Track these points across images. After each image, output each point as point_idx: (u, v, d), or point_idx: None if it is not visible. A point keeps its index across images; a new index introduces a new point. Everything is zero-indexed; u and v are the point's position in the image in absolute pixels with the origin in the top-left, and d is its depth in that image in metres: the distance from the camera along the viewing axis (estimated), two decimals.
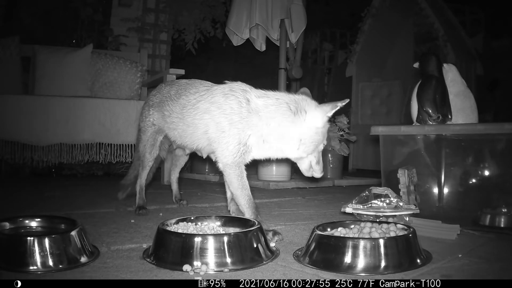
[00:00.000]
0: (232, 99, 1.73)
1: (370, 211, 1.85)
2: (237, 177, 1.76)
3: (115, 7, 4.99)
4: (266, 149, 1.76)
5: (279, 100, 1.70)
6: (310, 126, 1.67)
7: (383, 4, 5.84)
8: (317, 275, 1.24)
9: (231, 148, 1.73)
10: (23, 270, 1.22)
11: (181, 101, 1.97)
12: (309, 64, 7.39)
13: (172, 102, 2.02)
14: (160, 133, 2.22)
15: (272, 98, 1.72)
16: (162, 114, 2.11)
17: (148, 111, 2.22)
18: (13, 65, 3.78)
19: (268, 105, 1.70)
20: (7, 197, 2.82)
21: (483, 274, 1.29)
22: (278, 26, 3.90)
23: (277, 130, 1.69)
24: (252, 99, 1.72)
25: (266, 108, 1.70)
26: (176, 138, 2.05)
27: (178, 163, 2.54)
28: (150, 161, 2.27)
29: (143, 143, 2.25)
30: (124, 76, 4.06)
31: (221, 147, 1.75)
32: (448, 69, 2.35)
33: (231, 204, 1.98)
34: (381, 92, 5.92)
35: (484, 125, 2.04)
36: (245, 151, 1.74)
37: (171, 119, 2.02)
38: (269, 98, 1.72)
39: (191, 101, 1.90)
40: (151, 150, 2.24)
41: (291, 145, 1.70)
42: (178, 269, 1.26)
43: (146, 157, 2.26)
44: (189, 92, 1.95)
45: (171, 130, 2.06)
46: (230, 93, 1.75)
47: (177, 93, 2.03)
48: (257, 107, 1.71)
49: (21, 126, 3.32)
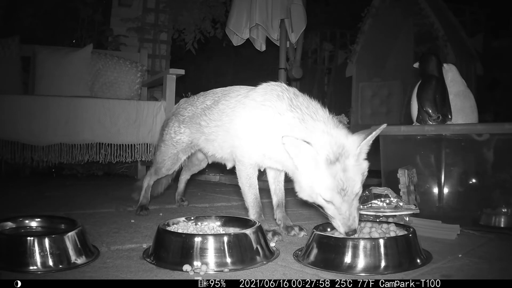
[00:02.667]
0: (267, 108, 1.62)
1: (370, 211, 1.85)
2: (246, 175, 1.75)
3: (115, 7, 4.98)
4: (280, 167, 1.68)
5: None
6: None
7: (383, 4, 5.85)
8: (317, 275, 1.24)
9: (247, 150, 1.71)
10: (23, 270, 1.22)
11: (220, 106, 1.86)
12: (309, 64, 7.39)
13: (210, 110, 1.91)
14: (186, 152, 2.14)
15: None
16: (198, 125, 1.98)
17: (178, 128, 2.10)
18: (13, 65, 3.77)
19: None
20: (7, 197, 2.82)
21: (483, 274, 1.29)
22: (278, 26, 3.90)
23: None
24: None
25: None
26: (217, 150, 1.92)
27: (192, 169, 2.52)
28: (164, 175, 2.25)
29: (163, 157, 2.16)
30: (124, 76, 4.06)
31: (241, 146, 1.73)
32: (448, 69, 2.35)
33: (277, 211, 1.88)
34: (381, 92, 5.93)
35: (484, 125, 2.04)
36: (261, 160, 1.71)
37: (209, 129, 1.90)
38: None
39: (231, 104, 1.81)
40: (169, 167, 2.18)
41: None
42: (178, 269, 1.26)
43: (162, 171, 2.21)
44: (229, 96, 1.86)
45: (209, 142, 1.93)
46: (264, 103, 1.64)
47: (215, 101, 1.93)
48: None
49: (21, 126, 3.32)
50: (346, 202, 1.37)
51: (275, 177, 1.90)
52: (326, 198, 1.39)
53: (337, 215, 1.39)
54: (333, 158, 1.36)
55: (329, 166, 1.36)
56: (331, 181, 1.36)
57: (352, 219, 1.38)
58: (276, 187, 1.91)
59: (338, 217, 1.39)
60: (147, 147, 3.63)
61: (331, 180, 1.36)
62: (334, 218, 1.40)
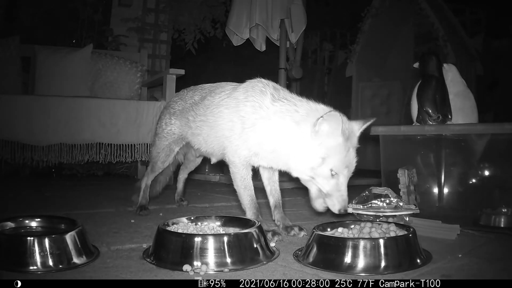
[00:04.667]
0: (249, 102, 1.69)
1: (370, 211, 1.85)
2: (240, 177, 1.76)
3: (115, 7, 4.98)
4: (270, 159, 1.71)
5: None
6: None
7: (383, 4, 5.85)
8: (317, 275, 1.24)
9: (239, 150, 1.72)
10: (23, 270, 1.22)
11: (205, 102, 1.93)
12: (309, 64, 7.39)
13: (197, 106, 1.98)
14: (178, 143, 2.18)
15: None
16: (186, 120, 2.05)
17: (169, 120, 2.16)
18: (13, 65, 3.77)
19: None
20: (7, 197, 2.82)
21: (483, 274, 1.29)
22: (278, 26, 3.90)
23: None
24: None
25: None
26: (201, 144, 1.98)
27: (189, 166, 2.53)
28: (161, 169, 2.26)
29: (157, 150, 2.20)
30: (124, 76, 4.06)
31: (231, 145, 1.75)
32: (448, 69, 2.35)
33: (275, 212, 1.89)
34: (381, 92, 5.93)
35: (484, 125, 2.04)
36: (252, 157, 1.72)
37: (195, 123, 1.97)
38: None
39: (215, 101, 1.86)
40: (164, 159, 2.21)
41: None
42: (178, 269, 1.26)
43: (157, 165, 2.23)
44: (214, 93, 1.91)
45: (195, 136, 2.00)
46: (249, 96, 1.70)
47: (202, 96, 1.99)
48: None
49: (21, 126, 3.32)
50: (346, 180, 1.49)
51: (269, 177, 1.91)
52: (337, 170, 1.47)
53: (335, 192, 1.49)
54: (347, 134, 1.48)
55: (345, 140, 1.47)
56: (345, 154, 1.47)
57: (346, 198, 1.51)
58: (272, 187, 1.91)
59: (336, 195, 1.49)
60: (147, 147, 3.63)
61: (345, 153, 1.47)
62: (331, 195, 1.50)
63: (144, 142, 3.62)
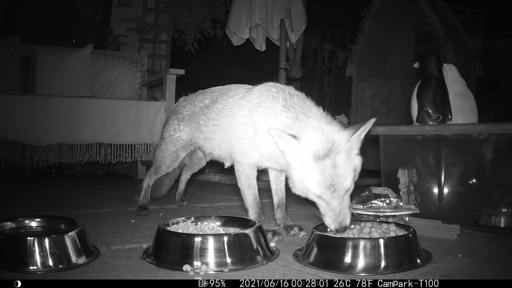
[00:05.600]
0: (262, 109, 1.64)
1: (370, 211, 1.85)
2: (245, 176, 1.76)
3: (115, 7, 4.98)
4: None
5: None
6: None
7: (383, 4, 5.85)
8: (317, 275, 1.24)
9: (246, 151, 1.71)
10: (23, 270, 1.22)
11: (218, 106, 1.88)
12: (309, 64, 7.39)
13: (208, 109, 1.93)
14: (186, 149, 2.15)
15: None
16: (197, 124, 2.00)
17: (177, 126, 2.12)
18: (13, 65, 3.77)
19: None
20: (7, 197, 2.82)
21: (483, 274, 1.29)
22: (278, 26, 3.90)
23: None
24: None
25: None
26: (214, 148, 1.94)
27: (193, 168, 2.53)
28: (164, 172, 2.26)
29: (163, 155, 2.18)
30: (124, 76, 4.06)
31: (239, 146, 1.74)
32: (448, 69, 2.35)
33: (278, 211, 1.89)
34: (381, 92, 5.93)
35: (484, 125, 2.04)
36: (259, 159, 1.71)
37: (207, 127, 1.92)
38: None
39: (228, 104, 1.82)
40: (169, 165, 2.19)
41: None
42: (178, 269, 1.26)
43: (162, 169, 2.22)
44: (227, 96, 1.87)
45: (208, 141, 1.95)
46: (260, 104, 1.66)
47: (213, 100, 1.95)
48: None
49: (21, 126, 3.32)
50: (336, 198, 1.37)
51: (277, 176, 1.91)
52: (315, 193, 1.38)
53: (328, 212, 1.39)
54: (321, 154, 1.36)
55: (317, 161, 1.36)
56: (320, 177, 1.35)
57: (343, 215, 1.38)
58: (277, 187, 1.91)
59: (328, 214, 1.38)
60: (147, 147, 3.63)
61: (320, 175, 1.35)
62: (325, 215, 1.40)
63: (144, 142, 3.62)
